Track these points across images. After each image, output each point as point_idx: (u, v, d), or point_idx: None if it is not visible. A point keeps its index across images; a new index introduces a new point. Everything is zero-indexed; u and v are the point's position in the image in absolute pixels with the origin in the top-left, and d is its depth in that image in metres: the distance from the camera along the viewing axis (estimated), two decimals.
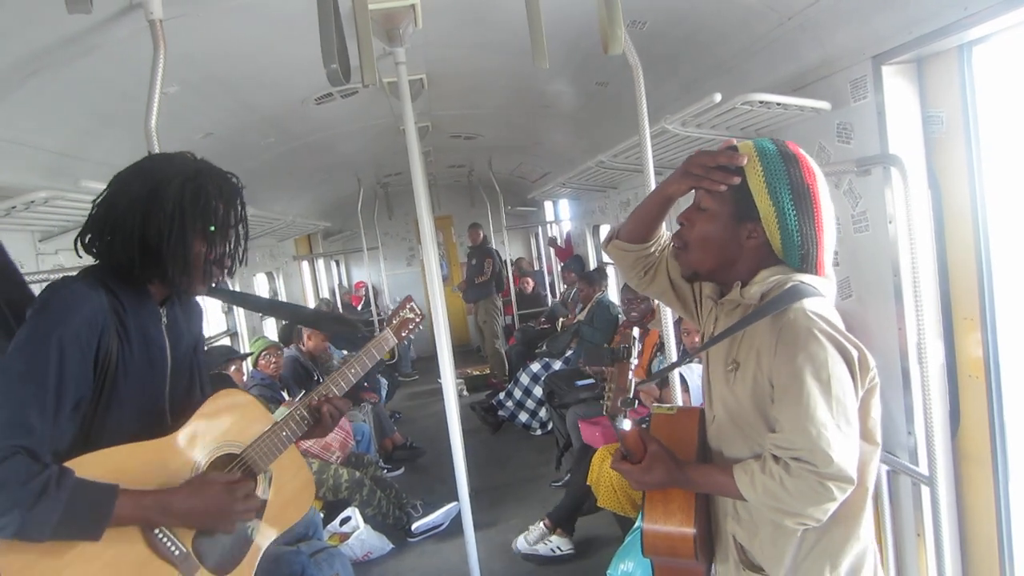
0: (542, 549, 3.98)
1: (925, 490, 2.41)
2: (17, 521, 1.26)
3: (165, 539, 1.47)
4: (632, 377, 1.55)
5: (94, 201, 1.55)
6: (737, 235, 1.50)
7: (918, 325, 2.35)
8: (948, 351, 2.46)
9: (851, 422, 1.37)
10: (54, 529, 1.29)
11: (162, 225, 1.48)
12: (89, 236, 1.54)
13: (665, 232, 1.82)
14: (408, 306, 2.09)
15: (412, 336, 2.10)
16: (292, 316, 3.48)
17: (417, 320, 2.08)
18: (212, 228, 1.53)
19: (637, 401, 1.57)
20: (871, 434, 1.49)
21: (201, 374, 1.78)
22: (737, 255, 1.52)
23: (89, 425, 1.46)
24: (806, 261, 1.48)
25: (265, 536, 1.67)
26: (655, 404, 1.87)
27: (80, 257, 1.58)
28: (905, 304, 2.43)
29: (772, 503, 1.40)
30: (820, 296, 1.46)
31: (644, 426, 1.61)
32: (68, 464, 1.36)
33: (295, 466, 1.76)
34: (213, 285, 1.65)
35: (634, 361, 1.60)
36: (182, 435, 1.56)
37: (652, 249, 1.79)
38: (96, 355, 1.43)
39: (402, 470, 5.73)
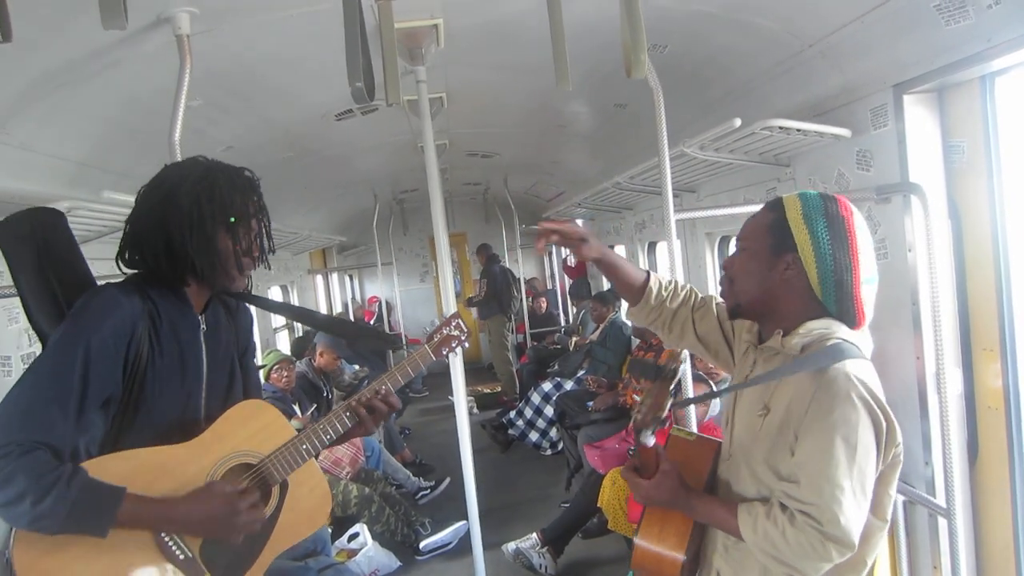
0: (535, 560, 3.97)
1: (942, 522, 2.37)
2: (29, 512, 1.31)
3: (172, 543, 1.49)
4: (670, 399, 1.56)
5: (127, 220, 1.63)
6: (776, 267, 1.53)
7: (936, 354, 2.33)
8: (967, 381, 2.43)
9: (867, 492, 1.39)
10: (62, 524, 1.34)
11: (182, 225, 1.54)
12: (126, 253, 1.62)
13: (666, 292, 1.87)
14: (454, 323, 2.00)
15: (454, 354, 2.03)
16: (336, 328, 3.50)
17: (462, 338, 2.00)
18: (232, 219, 1.58)
19: (668, 422, 1.60)
20: (882, 510, 1.50)
21: (247, 381, 1.81)
22: (777, 290, 1.54)
23: (119, 427, 1.51)
24: (841, 290, 1.49)
25: (275, 547, 1.66)
26: (675, 427, 1.87)
27: (123, 272, 1.64)
28: (924, 333, 2.41)
29: (769, 549, 1.41)
30: (862, 358, 1.47)
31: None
32: (89, 463, 1.42)
33: (313, 480, 1.74)
34: (250, 273, 1.69)
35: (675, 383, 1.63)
36: (201, 441, 1.58)
37: (653, 304, 1.86)
38: (126, 358, 1.48)
39: (448, 481, 5.43)
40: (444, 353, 1.98)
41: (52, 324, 1.59)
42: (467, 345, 2.04)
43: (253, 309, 1.93)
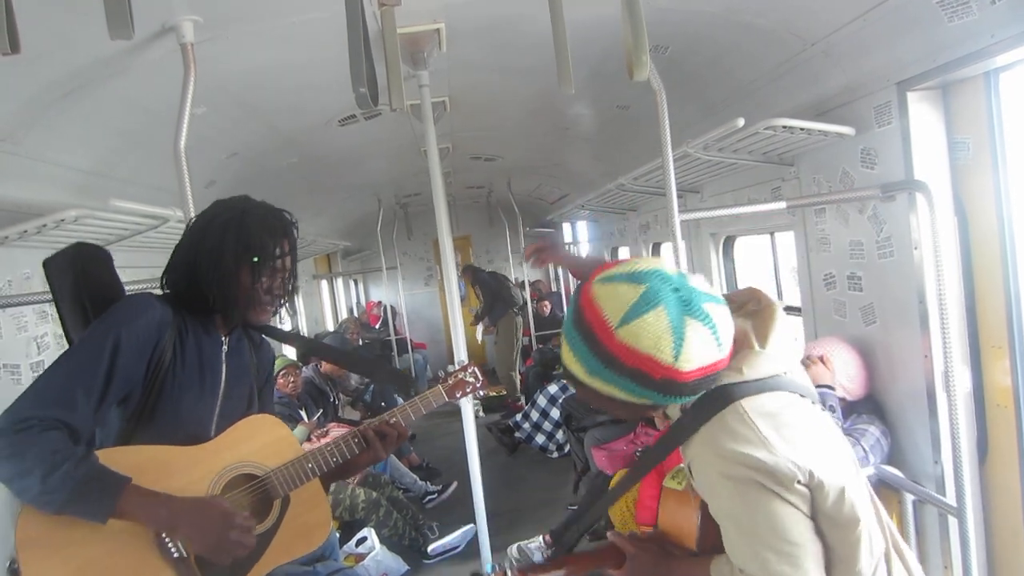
0: (536, 558, 3.97)
1: (952, 521, 2.37)
2: (36, 486, 1.36)
3: (168, 540, 1.51)
4: None
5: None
6: (630, 408, 1.32)
7: (944, 352, 2.32)
8: (976, 379, 2.42)
9: (791, 538, 1.26)
10: (63, 503, 1.38)
11: (205, 259, 1.64)
12: (164, 276, 1.72)
13: None
14: (470, 370, 2.09)
15: (468, 399, 2.15)
16: (349, 363, 3.55)
17: (476, 385, 2.08)
18: (256, 259, 1.64)
19: None
20: (844, 519, 1.28)
21: (263, 411, 1.84)
22: (645, 412, 1.35)
23: (132, 428, 1.57)
24: (668, 391, 1.24)
25: (270, 562, 1.67)
26: (668, 477, 1.83)
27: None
28: (931, 331, 2.40)
29: None
30: (744, 396, 1.29)
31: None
32: (100, 452, 1.48)
33: (314, 500, 1.77)
34: (274, 313, 1.75)
35: None
36: (209, 447, 1.63)
37: None
38: (150, 359, 1.56)
39: (455, 484, 5.39)
40: (457, 396, 2.06)
41: None
42: (481, 394, 2.12)
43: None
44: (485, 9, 2.75)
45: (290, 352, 5.84)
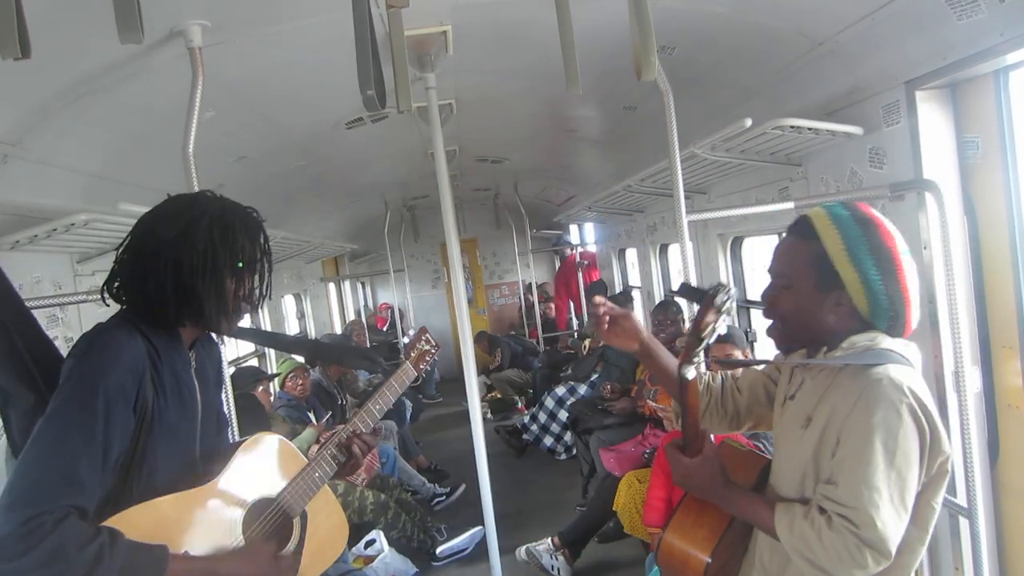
0: (545, 560, 3.97)
1: (964, 522, 2.35)
2: None
3: None
4: (711, 327, 1.48)
5: (117, 249, 1.55)
6: (823, 304, 1.50)
7: (955, 353, 2.31)
8: (986, 380, 2.41)
9: (906, 501, 1.35)
10: None
11: (196, 265, 1.47)
12: (118, 284, 1.53)
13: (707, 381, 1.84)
14: (424, 338, 2.13)
15: (428, 368, 2.14)
16: (315, 353, 3.52)
17: (433, 352, 2.12)
18: (240, 264, 1.52)
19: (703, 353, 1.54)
20: (923, 521, 1.44)
21: (223, 416, 1.78)
22: (828, 323, 1.51)
23: (125, 475, 1.40)
24: (896, 323, 1.49)
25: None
26: (727, 439, 1.85)
27: (105, 303, 1.57)
28: (941, 331, 2.39)
29: (804, 551, 1.39)
30: (908, 365, 1.44)
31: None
32: (115, 520, 1.33)
33: (328, 507, 1.77)
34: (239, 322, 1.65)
35: (722, 305, 1.50)
36: (220, 483, 1.54)
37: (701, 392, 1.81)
38: (135, 406, 1.39)
39: (463, 487, 5.36)
40: (421, 368, 2.08)
41: None
42: (437, 359, 2.17)
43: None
44: (492, 11, 2.76)
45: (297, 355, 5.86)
